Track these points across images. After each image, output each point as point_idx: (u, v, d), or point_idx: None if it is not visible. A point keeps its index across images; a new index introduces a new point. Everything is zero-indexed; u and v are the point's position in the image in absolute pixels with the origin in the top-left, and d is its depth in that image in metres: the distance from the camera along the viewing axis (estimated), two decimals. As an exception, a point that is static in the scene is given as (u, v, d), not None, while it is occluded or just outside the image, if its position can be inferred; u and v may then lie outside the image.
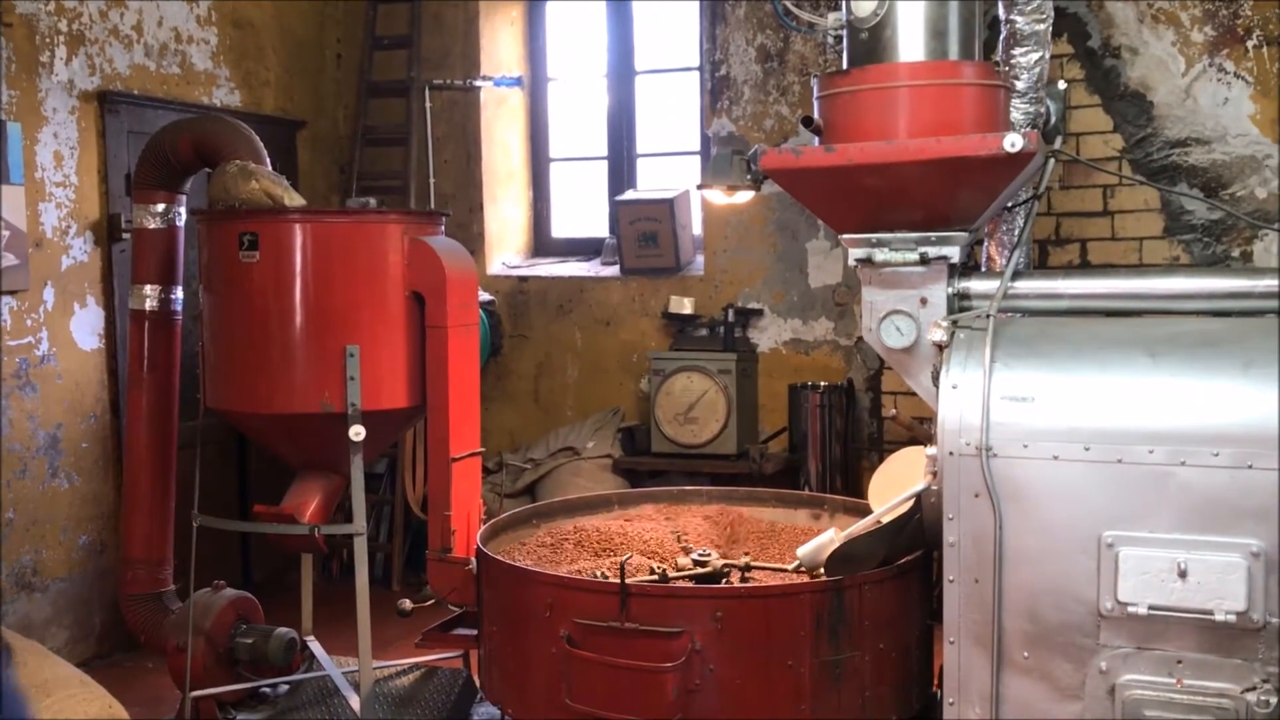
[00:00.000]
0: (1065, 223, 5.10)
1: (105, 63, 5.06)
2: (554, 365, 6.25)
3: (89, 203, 4.99)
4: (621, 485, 5.57)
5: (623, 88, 6.37)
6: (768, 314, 5.79)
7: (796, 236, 5.71)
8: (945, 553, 2.60)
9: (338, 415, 3.71)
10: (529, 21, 6.58)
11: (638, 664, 2.74)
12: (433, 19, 6.35)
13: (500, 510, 3.83)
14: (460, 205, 6.27)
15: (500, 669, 3.15)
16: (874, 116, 2.65)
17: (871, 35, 2.70)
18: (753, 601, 2.82)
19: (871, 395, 5.56)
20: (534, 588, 2.95)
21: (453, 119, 6.32)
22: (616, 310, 6.10)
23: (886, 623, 2.88)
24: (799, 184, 2.77)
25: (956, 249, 2.73)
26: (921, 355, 2.78)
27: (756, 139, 5.69)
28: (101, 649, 5.02)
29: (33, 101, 4.74)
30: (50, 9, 4.81)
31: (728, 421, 5.49)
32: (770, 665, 2.76)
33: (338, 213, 4.42)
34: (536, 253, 6.65)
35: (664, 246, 5.91)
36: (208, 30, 5.60)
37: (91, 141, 5.00)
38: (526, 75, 6.55)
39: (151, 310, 4.25)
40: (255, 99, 5.91)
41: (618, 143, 6.40)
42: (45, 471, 4.81)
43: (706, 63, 5.88)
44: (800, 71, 5.65)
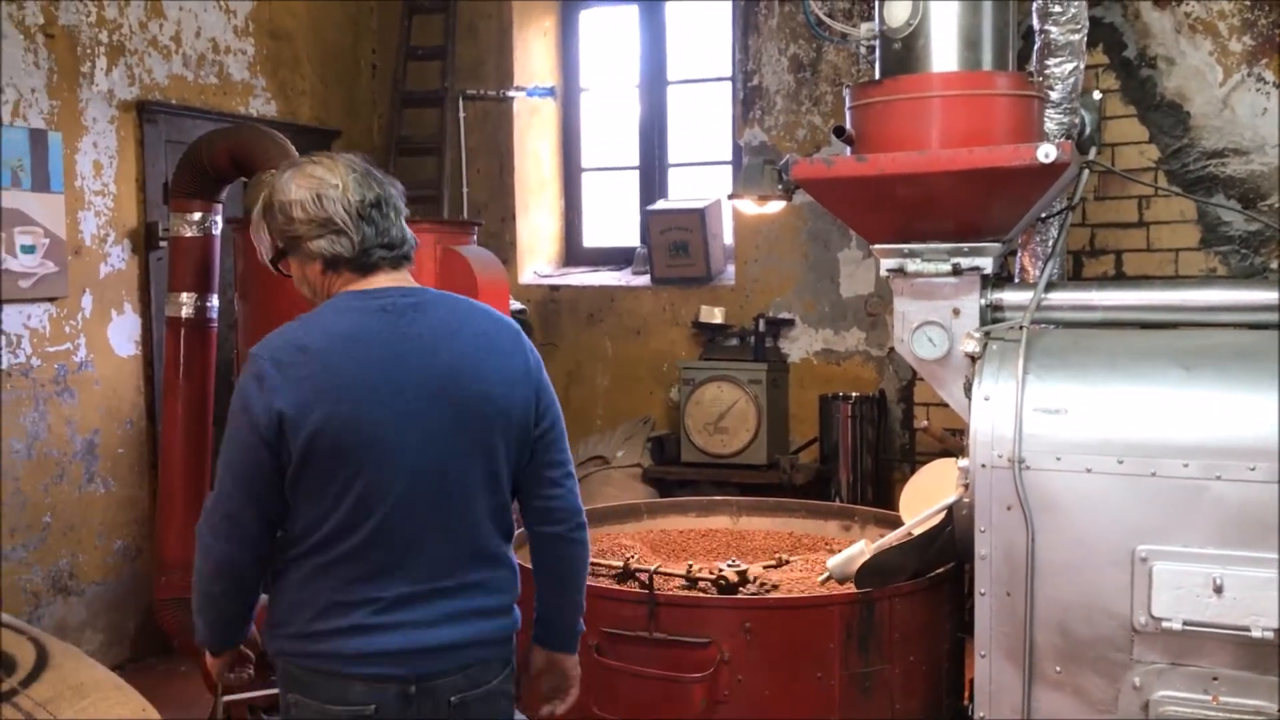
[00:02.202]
0: (1100, 234, 5.06)
1: (144, 73, 5.13)
2: (584, 374, 6.26)
3: (127, 211, 5.06)
4: (651, 494, 5.57)
5: (655, 97, 6.39)
6: (799, 324, 5.78)
7: (828, 246, 5.69)
8: (977, 565, 2.59)
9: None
10: (562, 32, 6.61)
11: (666, 674, 2.73)
12: (467, 29, 6.39)
13: (530, 518, 3.84)
14: (492, 214, 6.30)
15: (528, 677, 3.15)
16: (907, 126, 2.64)
17: (904, 45, 2.69)
18: (782, 612, 2.81)
19: (904, 406, 5.53)
20: (563, 596, 2.95)
21: (486, 129, 6.36)
22: (647, 319, 6.10)
23: (917, 635, 2.86)
24: (831, 194, 2.77)
25: (989, 260, 2.72)
26: (954, 366, 2.77)
27: (788, 149, 5.68)
28: (135, 653, 5.07)
29: (73, 111, 4.81)
30: (92, 20, 4.88)
31: (758, 431, 5.47)
32: (799, 677, 2.75)
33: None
34: (568, 262, 6.67)
35: (695, 256, 5.91)
36: (245, 41, 5.67)
37: (130, 151, 5.06)
38: (559, 85, 6.58)
39: (187, 318, 4.30)
40: (291, 109, 5.97)
41: (649, 152, 6.41)
42: (82, 476, 4.87)
43: (739, 72, 5.88)
44: (833, 81, 5.64)
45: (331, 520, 2.07)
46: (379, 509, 2.07)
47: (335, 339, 2.10)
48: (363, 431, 2.05)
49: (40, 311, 4.68)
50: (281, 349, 2.09)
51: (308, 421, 2.03)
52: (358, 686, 2.08)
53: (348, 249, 2.15)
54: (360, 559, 2.08)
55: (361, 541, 2.07)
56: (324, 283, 2.20)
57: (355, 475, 2.05)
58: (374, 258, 2.17)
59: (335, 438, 2.04)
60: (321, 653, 2.11)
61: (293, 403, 2.03)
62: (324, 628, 2.10)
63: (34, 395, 4.66)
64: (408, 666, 2.09)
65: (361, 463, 2.05)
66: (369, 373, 2.07)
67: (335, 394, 2.05)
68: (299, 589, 2.13)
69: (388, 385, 2.08)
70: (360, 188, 2.18)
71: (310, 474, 2.06)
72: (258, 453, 2.05)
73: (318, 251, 2.16)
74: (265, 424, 2.03)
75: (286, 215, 2.17)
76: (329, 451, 2.04)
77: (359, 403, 2.05)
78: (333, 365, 2.07)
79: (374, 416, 2.06)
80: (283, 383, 2.04)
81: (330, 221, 2.14)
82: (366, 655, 2.07)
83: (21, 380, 4.61)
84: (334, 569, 2.09)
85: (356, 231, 2.15)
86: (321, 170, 2.19)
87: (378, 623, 2.08)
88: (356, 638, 2.08)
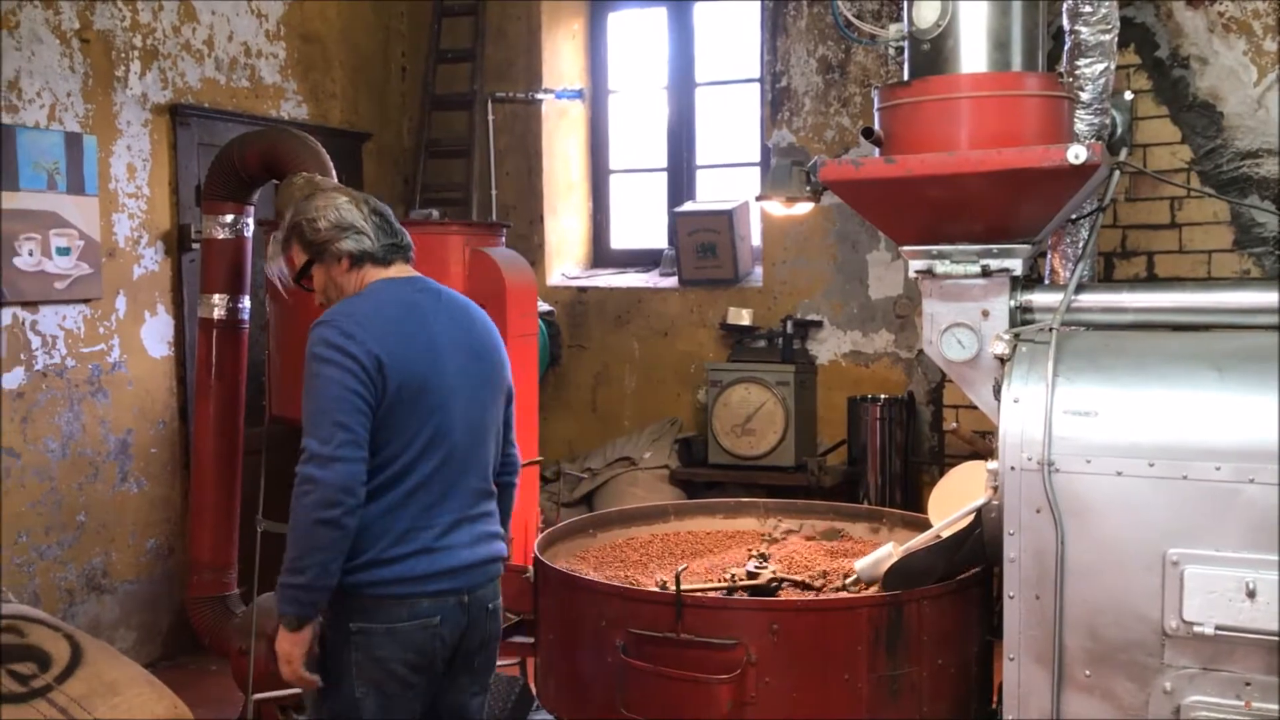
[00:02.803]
0: (1131, 235, 5.02)
1: (177, 76, 5.18)
2: (612, 375, 6.27)
3: (160, 213, 5.11)
4: (678, 496, 5.58)
5: (683, 99, 6.39)
6: (827, 326, 5.76)
7: (857, 248, 5.68)
8: (1005, 568, 2.57)
9: (399, 423, 3.75)
10: (590, 35, 6.63)
11: (692, 675, 2.73)
12: (496, 32, 6.42)
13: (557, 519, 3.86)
14: (521, 216, 6.33)
15: (556, 677, 3.16)
16: (935, 128, 2.63)
17: (933, 46, 2.68)
18: (809, 614, 2.81)
19: (932, 408, 5.51)
20: (590, 597, 2.96)
21: (514, 131, 6.38)
22: (674, 321, 6.11)
23: (945, 638, 2.85)
24: (859, 195, 2.76)
25: (1019, 261, 2.70)
26: (983, 368, 2.76)
27: (817, 150, 5.67)
28: (167, 650, 5.12)
29: (107, 115, 4.87)
30: (126, 25, 4.94)
31: (786, 433, 5.46)
32: (826, 679, 2.74)
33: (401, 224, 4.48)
34: (595, 263, 6.69)
35: (723, 257, 5.91)
36: (276, 44, 5.72)
37: (163, 154, 5.12)
38: (587, 87, 6.60)
39: (219, 319, 4.34)
40: (322, 112, 6.01)
41: (677, 154, 6.42)
42: (115, 476, 4.92)
43: (767, 74, 5.88)
44: (861, 83, 5.63)
45: (410, 453, 2.51)
46: (444, 447, 2.56)
47: (398, 307, 2.58)
48: (434, 381, 2.55)
49: (75, 313, 4.74)
50: (356, 315, 2.53)
51: (398, 366, 2.49)
52: (424, 602, 2.53)
53: (370, 245, 2.65)
54: (428, 489, 2.54)
55: (430, 473, 2.54)
56: (351, 278, 2.66)
57: (429, 416, 2.54)
58: (391, 252, 2.68)
59: (420, 382, 2.52)
60: (394, 577, 2.50)
61: (386, 350, 2.48)
62: (398, 552, 2.50)
63: (68, 395, 4.72)
64: (462, 580, 2.59)
65: (433, 407, 2.54)
66: (431, 335, 2.59)
67: (413, 349, 2.53)
68: (381, 518, 2.50)
69: (446, 347, 2.60)
70: (363, 201, 2.72)
71: (399, 412, 2.50)
72: (363, 388, 2.45)
73: (345, 250, 2.64)
74: (368, 364, 2.46)
75: (314, 228, 2.64)
76: (415, 394, 2.51)
77: (430, 358, 2.56)
78: (404, 328, 2.55)
79: (441, 369, 2.56)
80: (371, 336, 2.49)
81: (352, 225, 2.65)
82: (432, 574, 2.53)
83: (56, 380, 4.67)
84: (411, 499, 2.52)
85: (373, 230, 2.66)
86: (330, 192, 2.75)
87: (438, 545, 2.55)
88: (424, 558, 2.52)
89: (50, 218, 4.59)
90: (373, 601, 2.51)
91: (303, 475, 2.47)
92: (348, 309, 2.57)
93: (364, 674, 2.52)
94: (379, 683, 2.53)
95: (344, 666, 2.53)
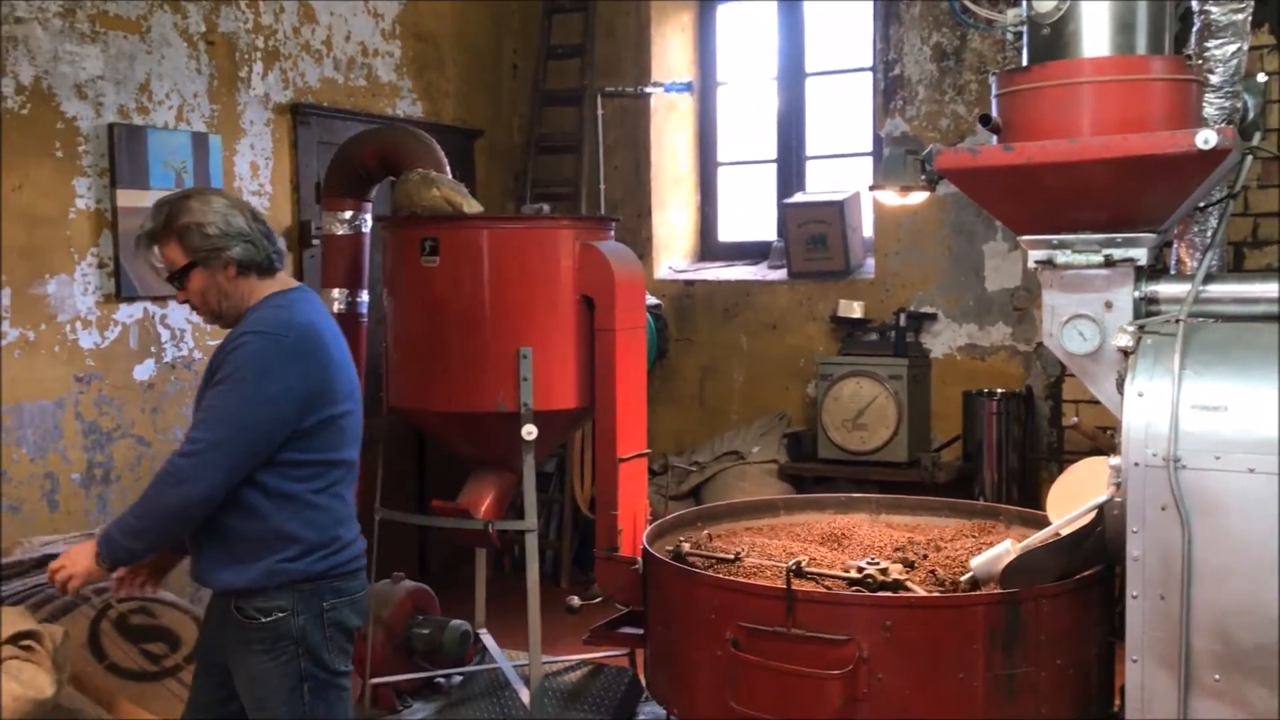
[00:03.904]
0: (1263, 223, 4.82)
1: (298, 76, 5.33)
2: (719, 369, 6.26)
3: (282, 210, 5.27)
4: (787, 491, 5.54)
5: (793, 90, 6.34)
6: (941, 318, 5.66)
7: (972, 238, 5.56)
8: (1129, 567, 2.50)
9: (511, 415, 3.81)
10: (699, 27, 6.62)
11: (803, 670, 2.72)
12: (605, 27, 6.45)
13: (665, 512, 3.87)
14: (629, 210, 6.35)
15: (665, 669, 3.18)
16: (1056, 114, 2.56)
17: (1054, 31, 2.61)
18: (923, 611, 2.77)
19: (1051, 403, 5.37)
20: (699, 589, 2.97)
21: (623, 125, 6.41)
22: (783, 314, 6.06)
23: (1064, 638, 2.78)
24: (976, 184, 2.71)
25: (1144, 251, 2.62)
26: (1106, 361, 2.68)
27: (931, 139, 5.57)
28: (289, 634, 5.27)
29: (231, 114, 5.04)
30: (249, 27, 5.10)
31: (898, 428, 5.39)
32: (940, 677, 2.70)
33: (513, 219, 4.54)
34: (703, 257, 6.68)
35: (833, 249, 5.84)
36: (392, 44, 5.84)
37: (284, 152, 5.27)
38: (696, 80, 6.59)
39: (339, 312, 4.44)
40: (436, 109, 6.12)
41: (787, 145, 6.37)
42: (240, 464, 5.09)
43: (880, 63, 5.80)
44: (977, 70, 5.51)
45: (343, 452, 2.72)
46: (357, 443, 2.81)
47: (330, 334, 2.74)
48: (351, 387, 2.77)
49: (202, 307, 4.91)
50: (295, 329, 2.65)
51: (333, 383, 2.68)
52: (361, 572, 2.80)
53: (257, 254, 2.71)
54: (348, 482, 2.78)
55: (348, 468, 2.77)
56: (236, 285, 2.71)
57: (355, 420, 2.78)
58: (275, 260, 2.76)
59: (348, 394, 2.73)
60: (355, 554, 2.77)
61: (328, 375, 2.67)
62: (349, 535, 2.75)
63: (195, 386, 4.89)
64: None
65: (353, 411, 2.77)
66: (342, 349, 2.77)
67: (338, 364, 2.71)
68: (326, 510, 2.70)
69: (348, 359, 2.80)
70: (246, 207, 2.78)
71: (336, 419, 2.69)
72: (291, 409, 2.60)
73: (234, 258, 2.68)
74: (303, 389, 2.60)
75: (204, 233, 2.67)
76: (346, 404, 2.72)
77: (347, 370, 2.76)
78: (336, 353, 2.73)
79: (352, 379, 2.78)
80: (307, 354, 2.63)
81: (241, 232, 2.69)
82: (362, 548, 2.81)
83: (184, 372, 4.85)
84: (341, 490, 2.75)
85: (260, 239, 2.72)
86: (217, 197, 2.75)
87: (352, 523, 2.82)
88: (358, 537, 2.81)
89: (179, 215, 4.75)
90: (341, 580, 2.72)
91: (188, 467, 2.59)
92: (292, 318, 2.68)
93: (336, 644, 2.72)
94: (344, 649, 2.75)
95: (321, 644, 2.68)
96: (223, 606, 2.72)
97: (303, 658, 2.66)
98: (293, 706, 2.67)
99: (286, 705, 2.67)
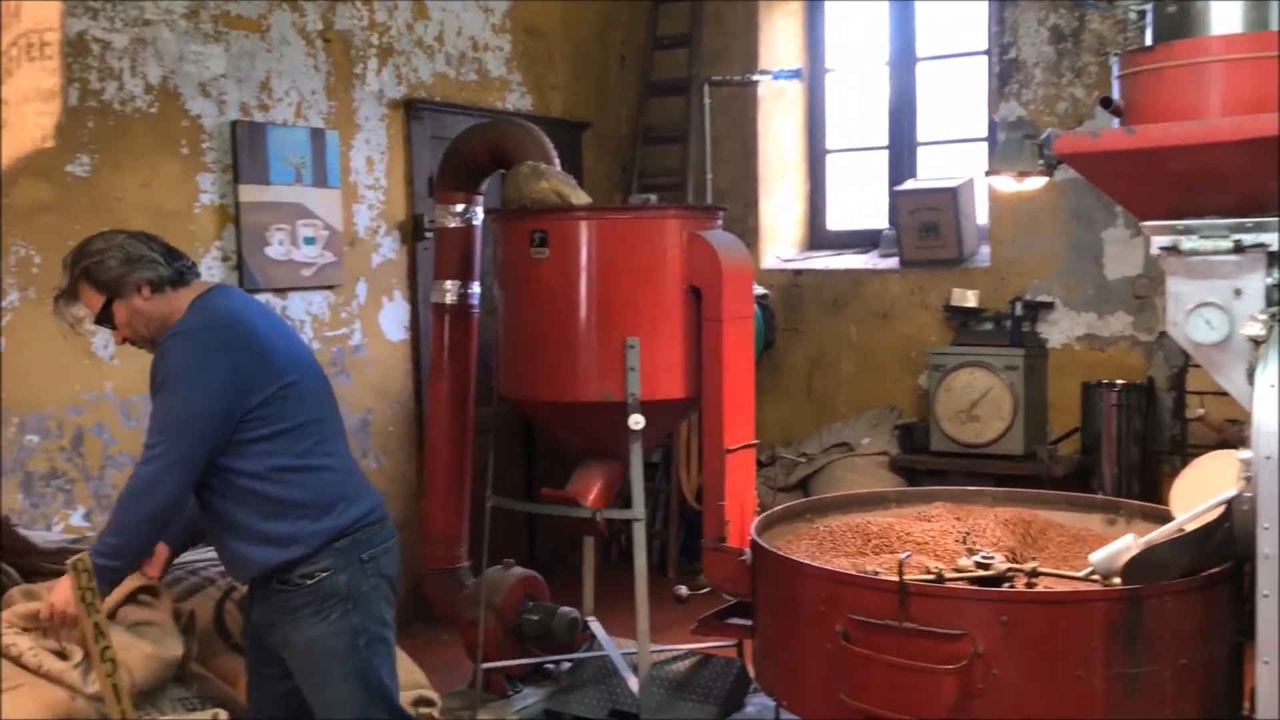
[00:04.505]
0: None
1: (411, 72, 5.43)
2: (827, 359, 6.20)
3: (396, 204, 5.38)
4: (898, 483, 5.46)
5: (904, 75, 6.24)
6: (1059, 307, 5.52)
7: (1092, 225, 5.41)
8: (1259, 565, 2.40)
9: (618, 404, 3.82)
10: (808, 14, 6.55)
11: (917, 664, 2.68)
12: (713, 17, 6.43)
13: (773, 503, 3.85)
14: (736, 200, 6.32)
15: (774, 661, 3.16)
16: (1182, 95, 2.47)
17: (1180, 8, 2.51)
18: (1041, 607, 2.70)
19: (1174, 394, 5.19)
20: (809, 581, 2.94)
21: (730, 114, 6.38)
22: (894, 303, 5.97)
23: (1190, 637, 2.69)
24: (1097, 168, 2.63)
25: (1276, 236, 2.51)
26: (1234, 351, 2.57)
27: (1048, 123, 5.42)
28: (402, 618, 5.30)
29: (347, 111, 5.16)
30: (364, 24, 5.22)
31: (1013, 420, 5.27)
32: (1058, 674, 2.63)
33: (621, 209, 4.56)
34: (811, 246, 6.62)
35: (946, 237, 5.73)
36: (501, 38, 5.91)
37: (398, 147, 5.39)
38: (805, 67, 6.52)
39: (451, 304, 4.52)
40: (544, 102, 6.18)
41: (898, 131, 6.27)
42: (357, 452, 5.21)
43: (994, 46, 5.67)
44: (1097, 51, 5.35)
45: (303, 414, 2.82)
46: (320, 403, 2.93)
47: (253, 315, 2.86)
48: (293, 359, 2.86)
49: (320, 299, 5.05)
50: (214, 321, 2.76)
51: (269, 362, 2.78)
52: (385, 523, 2.99)
53: (165, 270, 2.80)
54: (332, 439, 2.94)
55: (319, 426, 2.89)
56: (156, 303, 2.79)
57: (306, 385, 2.86)
58: (189, 273, 2.86)
59: (290, 366, 2.82)
60: (373, 505, 2.94)
61: (261, 353, 2.77)
62: (357, 486, 2.95)
63: (315, 376, 5.04)
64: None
65: (298, 381, 2.84)
66: (275, 327, 2.90)
67: (268, 342, 2.81)
68: (321, 469, 2.85)
69: (285, 334, 2.94)
70: (140, 234, 2.87)
71: (285, 390, 2.78)
72: (229, 396, 2.71)
73: (144, 279, 2.77)
74: (236, 376, 2.71)
75: (104, 267, 2.76)
76: (290, 375, 2.81)
77: (284, 344, 2.87)
78: (264, 330, 2.83)
79: (291, 351, 2.88)
80: (232, 342, 2.74)
81: (141, 256, 2.79)
82: (379, 500, 2.99)
83: (304, 362, 4.99)
84: (329, 448, 2.90)
85: (162, 257, 2.81)
86: (113, 234, 2.85)
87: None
88: (367, 487, 3.00)
89: (297, 209, 4.90)
90: (367, 529, 2.89)
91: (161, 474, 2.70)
92: (218, 312, 2.80)
93: (381, 594, 2.90)
94: (389, 598, 2.94)
95: (368, 595, 2.85)
96: (263, 591, 2.85)
97: (352, 613, 2.81)
98: (351, 661, 2.81)
99: (345, 661, 2.81)
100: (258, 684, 3.01)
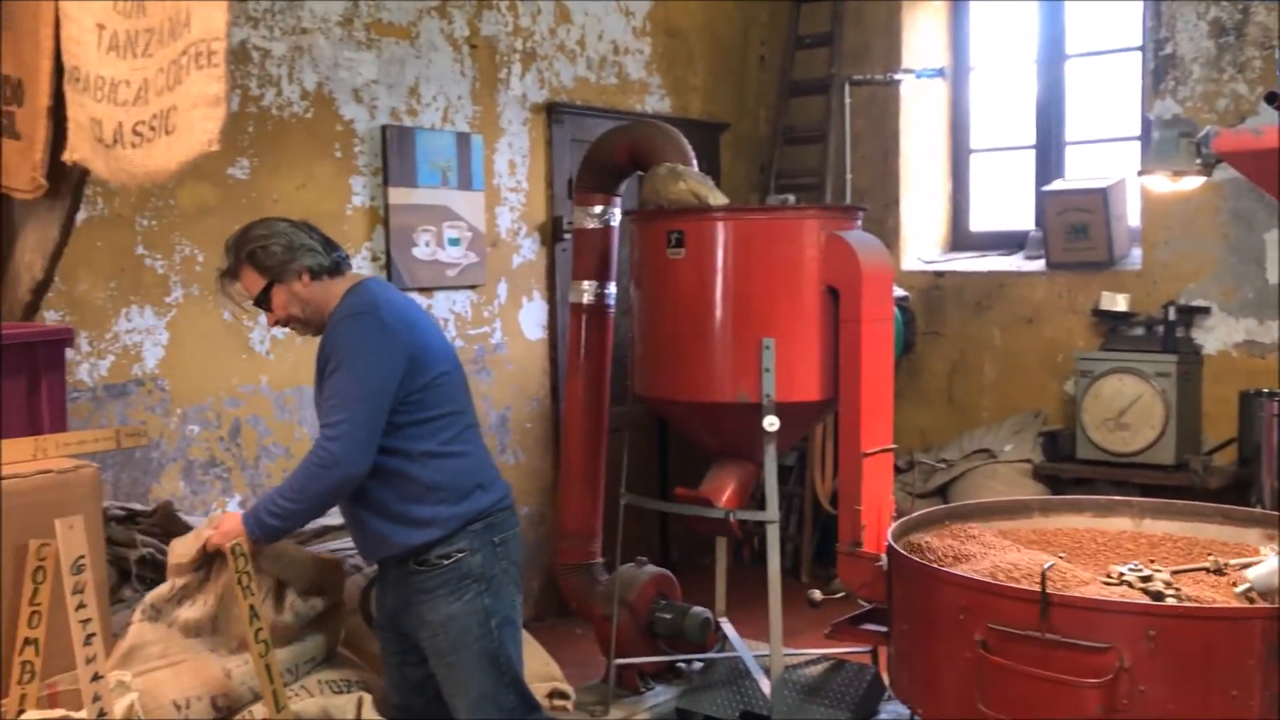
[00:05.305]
0: None
1: (552, 76, 5.53)
2: (969, 364, 6.06)
3: (536, 206, 5.48)
4: (1041, 492, 5.31)
5: (1052, 73, 6.06)
6: (1215, 313, 5.28)
7: (1253, 226, 5.16)
8: None
9: (753, 405, 3.82)
10: (952, 12, 6.42)
11: (1060, 677, 2.61)
12: (854, 15, 6.36)
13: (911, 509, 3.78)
14: (875, 200, 6.24)
15: (910, 668, 3.12)
16: (1355, 88, 2.34)
17: (1354, -4, 2.39)
18: (1193, 623, 2.60)
19: (1342, 406, 4.91)
20: (948, 589, 2.89)
21: (870, 114, 6.30)
22: (1040, 307, 5.81)
23: (1356, 661, 2.54)
24: (1260, 167, 2.51)
25: None
26: None
27: (1207, 121, 5.19)
28: (537, 611, 5.50)
29: (492, 115, 5.28)
30: (508, 30, 5.33)
31: (1165, 429, 5.07)
32: (1210, 694, 2.53)
33: (758, 210, 4.55)
34: (954, 247, 6.48)
35: (1095, 239, 5.55)
36: (642, 41, 5.96)
37: (540, 150, 5.48)
38: (948, 66, 6.39)
39: (588, 304, 4.58)
40: (683, 104, 6.21)
41: (1046, 130, 6.09)
42: (496, 448, 5.34)
43: (1149, 41, 5.46)
44: (1262, 45, 5.10)
45: (450, 405, 2.95)
46: (463, 398, 3.05)
47: (410, 307, 3.02)
48: (443, 352, 3.00)
49: (463, 298, 5.19)
50: (380, 306, 2.89)
51: (428, 348, 2.92)
52: (512, 511, 3.07)
53: (325, 259, 2.94)
54: (471, 429, 3.06)
55: (463, 417, 3.02)
56: (314, 289, 2.93)
57: (455, 378, 3.01)
58: (341, 262, 2.99)
59: (443, 358, 2.98)
60: (504, 493, 3.05)
61: (422, 341, 2.91)
62: (491, 474, 3.05)
63: (456, 372, 5.17)
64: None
65: (449, 372, 2.99)
66: (426, 319, 3.05)
67: (426, 331, 2.97)
68: (461, 455, 2.97)
69: (434, 328, 3.07)
70: (302, 224, 3.00)
71: (437, 380, 2.91)
72: (399, 371, 2.84)
73: (305, 266, 2.91)
74: (404, 353, 2.85)
75: (269, 252, 2.89)
76: (443, 365, 2.96)
77: (436, 336, 3.01)
78: (421, 322, 2.99)
79: (442, 345, 3.02)
80: (398, 325, 2.88)
81: (303, 244, 2.92)
82: (506, 490, 3.09)
83: (447, 359, 5.13)
84: (468, 436, 3.02)
85: (322, 246, 2.95)
86: (276, 221, 3.00)
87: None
88: (499, 478, 3.11)
89: (443, 211, 5.04)
90: (498, 514, 2.99)
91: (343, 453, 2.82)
92: (381, 299, 2.93)
93: (510, 577, 3.00)
94: (517, 582, 3.04)
95: (499, 577, 2.95)
96: (398, 573, 2.95)
97: (485, 594, 2.91)
98: (485, 641, 2.90)
99: (480, 640, 2.90)
100: (393, 669, 3.11)
